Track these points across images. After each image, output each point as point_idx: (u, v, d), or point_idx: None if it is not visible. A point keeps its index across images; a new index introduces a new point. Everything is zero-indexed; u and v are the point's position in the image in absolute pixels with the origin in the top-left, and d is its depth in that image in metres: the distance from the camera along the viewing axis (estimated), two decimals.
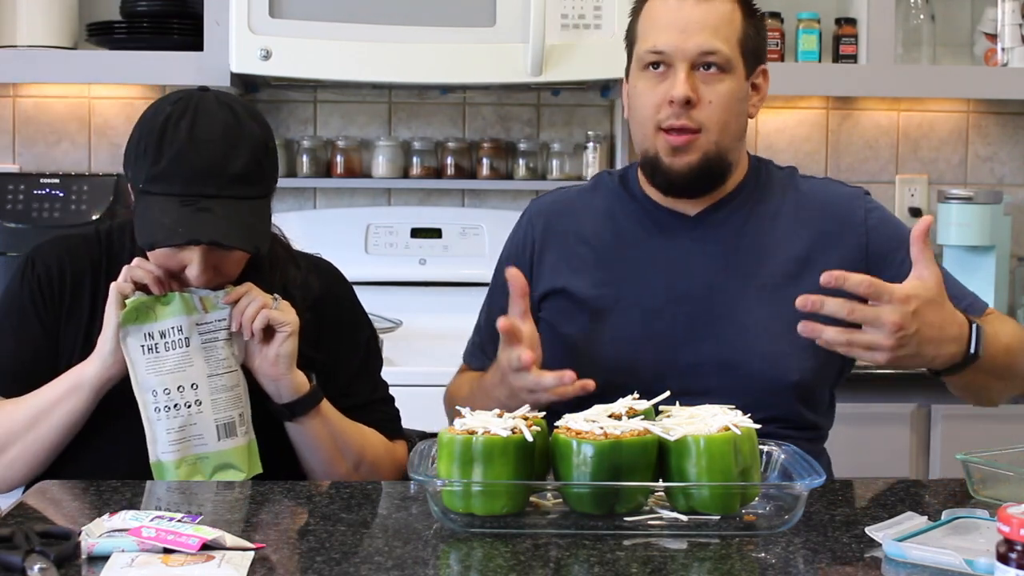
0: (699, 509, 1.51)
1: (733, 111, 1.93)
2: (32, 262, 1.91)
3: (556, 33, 2.91)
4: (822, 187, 2.06)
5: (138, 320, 1.78)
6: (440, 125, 3.39)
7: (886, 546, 1.41)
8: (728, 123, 1.92)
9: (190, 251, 1.78)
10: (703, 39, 1.90)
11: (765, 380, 1.89)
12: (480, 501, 1.49)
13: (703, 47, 1.89)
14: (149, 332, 1.78)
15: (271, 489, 1.68)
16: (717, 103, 1.91)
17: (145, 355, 1.78)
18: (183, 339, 1.79)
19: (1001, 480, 1.63)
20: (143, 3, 3.11)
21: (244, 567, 1.34)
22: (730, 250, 1.96)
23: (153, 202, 1.77)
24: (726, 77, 1.91)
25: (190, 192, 1.76)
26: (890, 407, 2.13)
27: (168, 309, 1.79)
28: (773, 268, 1.95)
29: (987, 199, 3.22)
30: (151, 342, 1.78)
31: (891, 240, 1.96)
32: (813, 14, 3.30)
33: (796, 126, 3.46)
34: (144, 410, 1.78)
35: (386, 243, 3.28)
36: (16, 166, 3.31)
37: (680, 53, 1.90)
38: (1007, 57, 3.25)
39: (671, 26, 1.91)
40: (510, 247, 2.11)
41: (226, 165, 1.77)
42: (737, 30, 1.92)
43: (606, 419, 1.53)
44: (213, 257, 1.79)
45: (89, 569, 1.35)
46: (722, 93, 1.91)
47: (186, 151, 1.76)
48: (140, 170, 1.80)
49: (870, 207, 2.01)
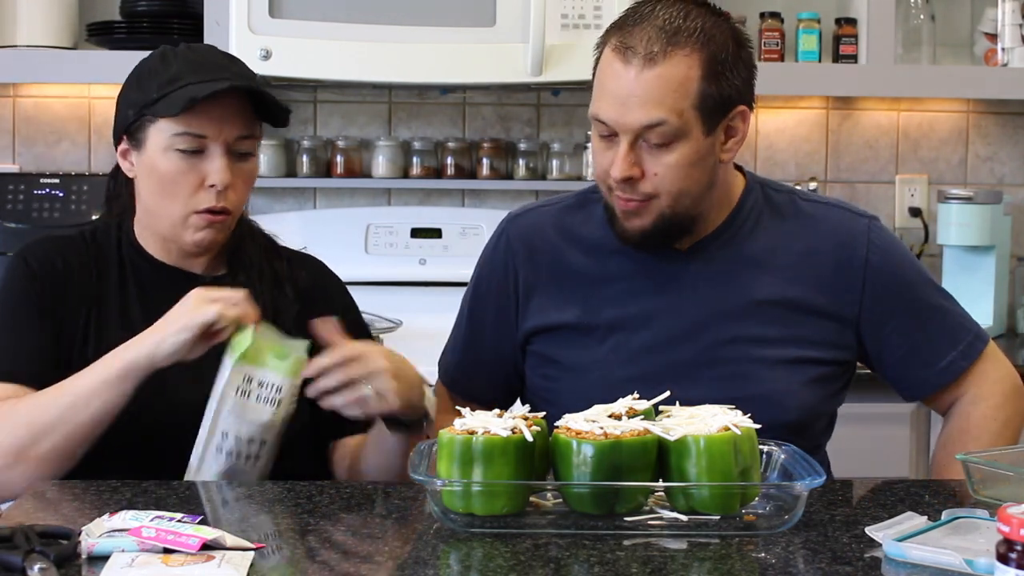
0: (699, 509, 1.50)
1: (688, 175, 1.80)
2: (24, 259, 1.89)
3: (556, 33, 2.91)
4: (825, 214, 1.95)
5: (245, 359, 1.71)
6: (440, 125, 3.39)
7: (886, 546, 1.41)
8: (684, 187, 1.80)
9: (210, 156, 1.81)
10: (644, 113, 1.76)
11: (761, 421, 1.73)
12: (480, 501, 1.49)
13: (644, 122, 1.76)
14: (250, 376, 1.72)
15: (271, 489, 1.68)
16: (664, 174, 1.79)
17: (236, 396, 1.72)
18: (277, 400, 1.74)
19: (1001, 480, 1.63)
20: (143, 3, 3.11)
21: (244, 567, 1.34)
22: (721, 287, 1.89)
23: (173, 96, 1.80)
24: (677, 144, 1.78)
25: (207, 78, 1.81)
26: (890, 407, 2.13)
27: (279, 364, 1.73)
28: (766, 305, 1.88)
29: (987, 199, 3.22)
30: (248, 387, 1.73)
31: (889, 288, 1.91)
32: (813, 14, 3.30)
33: (796, 126, 3.46)
34: (206, 437, 1.73)
35: (386, 243, 3.28)
36: (16, 166, 3.31)
37: (621, 127, 1.77)
38: (1007, 57, 3.25)
39: (613, 96, 1.78)
40: (488, 272, 2.01)
41: (232, 65, 1.87)
42: (690, 93, 1.77)
43: (606, 419, 1.53)
44: (230, 166, 1.82)
45: (89, 569, 1.35)
46: (670, 164, 1.78)
47: (192, 58, 1.85)
48: (146, 90, 1.84)
49: (874, 242, 1.92)
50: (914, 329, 1.92)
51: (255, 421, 1.74)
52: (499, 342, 1.99)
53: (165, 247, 1.91)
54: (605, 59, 1.81)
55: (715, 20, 1.82)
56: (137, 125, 1.85)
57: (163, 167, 1.83)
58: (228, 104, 1.83)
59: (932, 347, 1.93)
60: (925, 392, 1.97)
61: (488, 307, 2.00)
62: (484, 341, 2.01)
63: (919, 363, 1.93)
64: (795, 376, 1.87)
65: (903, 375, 1.95)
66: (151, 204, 1.88)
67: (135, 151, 1.87)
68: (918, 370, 1.94)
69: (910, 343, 1.92)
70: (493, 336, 2.00)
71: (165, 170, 1.83)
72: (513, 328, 1.97)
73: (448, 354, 2.08)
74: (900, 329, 1.92)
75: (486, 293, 2.01)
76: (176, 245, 1.90)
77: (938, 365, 1.93)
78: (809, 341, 1.89)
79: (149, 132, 1.84)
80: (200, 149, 1.83)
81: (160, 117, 1.82)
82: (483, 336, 2.01)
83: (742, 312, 1.88)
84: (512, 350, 1.98)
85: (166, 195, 1.84)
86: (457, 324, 2.07)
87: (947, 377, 1.93)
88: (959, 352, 1.93)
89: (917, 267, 1.97)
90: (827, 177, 3.46)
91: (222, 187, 1.83)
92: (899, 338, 1.92)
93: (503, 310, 1.98)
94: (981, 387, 1.94)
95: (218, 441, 1.74)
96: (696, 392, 1.69)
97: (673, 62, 1.77)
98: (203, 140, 1.82)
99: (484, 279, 2.02)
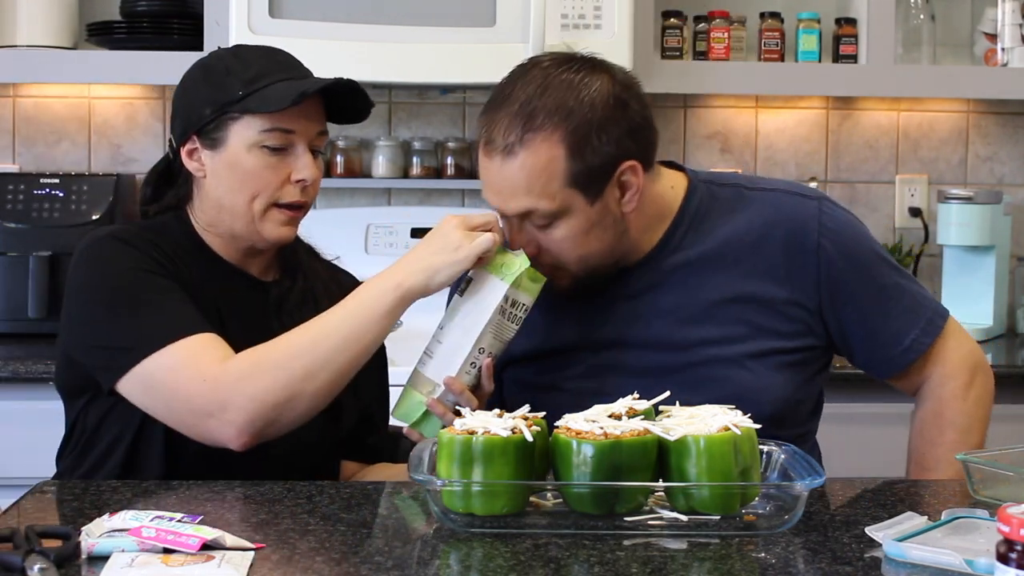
0: (699, 509, 1.50)
1: (585, 242, 1.79)
2: (120, 239, 1.82)
3: (556, 33, 2.91)
4: (772, 200, 1.91)
5: (517, 284, 1.76)
6: (440, 125, 3.39)
7: (886, 546, 1.41)
8: (585, 252, 1.80)
9: (296, 152, 1.82)
10: (516, 203, 1.76)
11: None
12: (480, 501, 1.49)
13: (519, 210, 1.77)
14: (514, 299, 1.77)
15: (271, 489, 1.68)
16: (559, 248, 1.79)
17: (497, 315, 1.76)
18: (521, 319, 1.79)
19: (1001, 480, 1.63)
20: (143, 3, 3.11)
21: (244, 567, 1.34)
22: (678, 292, 1.87)
23: (267, 93, 1.80)
24: (560, 222, 1.77)
25: (295, 76, 1.84)
26: (890, 407, 2.13)
27: (533, 287, 1.78)
28: (726, 303, 1.87)
29: (987, 199, 3.22)
30: (510, 308, 1.77)
31: (844, 272, 1.89)
32: (813, 14, 3.30)
33: (796, 126, 3.46)
34: (467, 353, 1.77)
35: (386, 243, 3.28)
36: (16, 166, 3.31)
37: (505, 213, 1.80)
38: (1007, 57, 3.25)
39: (490, 187, 1.79)
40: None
41: (300, 63, 1.89)
42: (558, 175, 1.74)
43: (606, 419, 1.53)
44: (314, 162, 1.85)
45: (89, 569, 1.35)
46: (561, 239, 1.78)
47: (270, 55, 1.87)
48: (226, 88, 1.82)
49: (825, 224, 1.89)
50: (873, 311, 1.90)
51: (504, 339, 1.80)
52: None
53: (230, 245, 1.89)
54: (479, 147, 1.81)
55: (581, 83, 1.76)
56: (215, 124, 1.83)
57: (248, 164, 1.82)
58: (312, 102, 1.84)
59: (893, 327, 1.91)
60: (892, 371, 1.95)
61: None
62: None
63: (881, 343, 1.92)
64: (764, 370, 1.86)
65: (869, 357, 1.94)
66: (228, 201, 1.84)
67: (208, 150, 1.84)
68: (882, 350, 1.92)
69: (870, 324, 1.91)
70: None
71: (251, 166, 1.82)
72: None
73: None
74: (859, 311, 1.90)
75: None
76: (247, 243, 1.88)
77: (902, 344, 1.91)
78: (774, 332, 1.87)
79: (231, 130, 1.82)
80: (287, 145, 1.83)
81: (251, 114, 1.81)
82: None
83: (701, 315, 1.87)
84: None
85: (249, 191, 1.83)
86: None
87: (911, 355, 1.92)
88: (920, 330, 1.92)
89: (871, 245, 1.94)
90: (827, 177, 3.46)
91: (309, 182, 1.84)
92: (859, 320, 1.90)
93: None
94: (946, 366, 1.93)
95: (475, 357, 1.78)
96: (671, 399, 1.65)
97: (532, 149, 1.74)
98: (291, 136, 1.82)
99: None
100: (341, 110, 1.90)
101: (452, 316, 1.81)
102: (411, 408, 1.80)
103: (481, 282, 1.78)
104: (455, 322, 1.80)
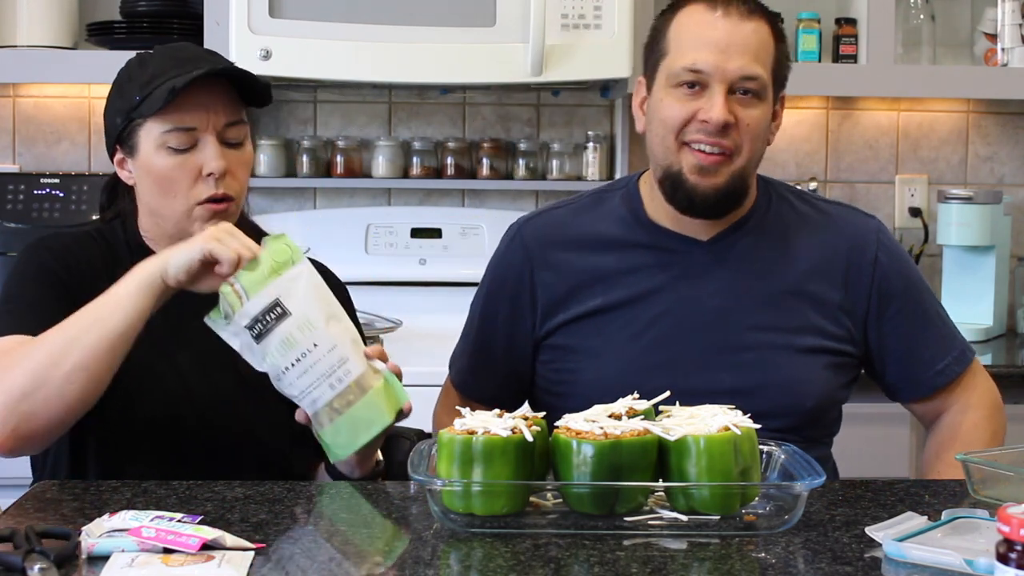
0: (699, 509, 1.51)
1: (761, 137, 1.89)
2: (45, 247, 1.87)
3: (556, 33, 2.91)
4: (837, 213, 2.01)
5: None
6: (440, 125, 3.39)
7: (886, 546, 1.41)
8: (757, 149, 1.88)
9: (203, 147, 1.81)
10: (745, 62, 1.83)
11: (781, 407, 1.86)
12: (480, 501, 1.49)
13: (745, 71, 1.83)
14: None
15: (271, 489, 1.68)
16: (751, 128, 1.85)
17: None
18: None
19: (1001, 480, 1.63)
20: (143, 3, 3.11)
21: (244, 567, 1.34)
22: (743, 277, 1.92)
23: (155, 93, 1.79)
24: (760, 103, 1.86)
25: (185, 71, 1.81)
26: (890, 407, 2.13)
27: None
28: (787, 295, 1.92)
29: (987, 199, 3.22)
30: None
31: (895, 287, 1.96)
32: (813, 14, 3.30)
33: (796, 126, 3.46)
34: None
35: (386, 243, 3.28)
36: (16, 166, 3.31)
37: (720, 74, 1.82)
38: (1007, 57, 3.25)
39: (712, 45, 1.83)
40: (500, 277, 2.01)
41: (208, 55, 1.88)
42: (772, 56, 1.87)
43: (606, 419, 1.53)
44: (224, 153, 1.82)
45: (89, 569, 1.35)
46: (756, 118, 1.86)
47: (168, 55, 1.86)
48: (128, 95, 1.83)
49: (883, 242, 1.98)
50: (915, 330, 1.97)
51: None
52: (512, 343, 1.99)
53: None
54: (689, 14, 1.87)
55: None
56: (127, 132, 1.85)
57: (158, 166, 1.83)
58: (211, 93, 1.83)
59: (929, 351, 1.98)
60: (921, 393, 2.00)
61: (501, 309, 2.00)
62: (496, 343, 2.01)
63: (916, 363, 1.97)
64: (814, 364, 1.91)
65: (901, 375, 1.99)
66: (154, 206, 1.87)
67: (130, 158, 1.87)
68: (915, 370, 1.98)
69: (909, 343, 1.97)
70: (506, 337, 2.00)
71: (161, 169, 1.83)
72: (528, 329, 1.98)
73: (459, 357, 2.08)
74: (902, 328, 1.96)
75: (498, 295, 2.01)
76: None
77: (934, 368, 1.98)
78: (825, 332, 1.93)
79: (139, 136, 1.84)
80: (192, 143, 1.82)
81: (146, 118, 1.82)
82: (495, 338, 2.01)
83: (764, 301, 1.91)
84: (525, 351, 1.99)
85: (166, 194, 1.84)
86: (467, 327, 2.07)
87: (941, 380, 1.98)
88: (953, 358, 1.99)
89: (918, 272, 2.04)
90: (827, 177, 3.46)
91: (219, 174, 1.82)
92: (900, 336, 1.96)
93: (517, 311, 1.98)
94: (970, 397, 1.99)
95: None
96: (720, 378, 1.79)
97: (762, 22, 1.87)
98: (193, 133, 1.82)
99: (497, 281, 2.02)
100: (253, 96, 1.88)
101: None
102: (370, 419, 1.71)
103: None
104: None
